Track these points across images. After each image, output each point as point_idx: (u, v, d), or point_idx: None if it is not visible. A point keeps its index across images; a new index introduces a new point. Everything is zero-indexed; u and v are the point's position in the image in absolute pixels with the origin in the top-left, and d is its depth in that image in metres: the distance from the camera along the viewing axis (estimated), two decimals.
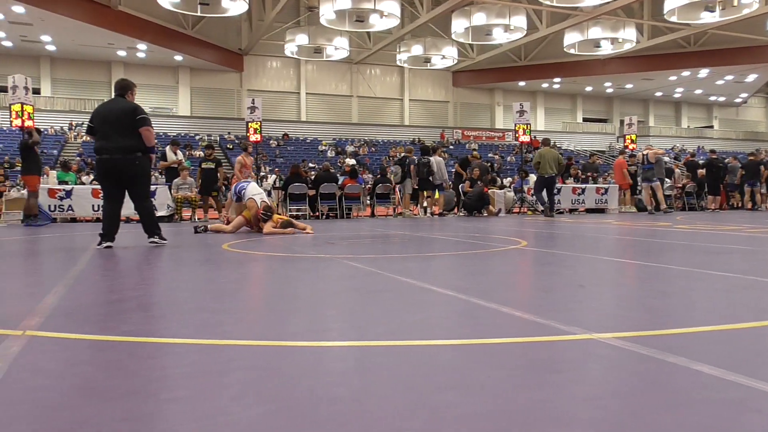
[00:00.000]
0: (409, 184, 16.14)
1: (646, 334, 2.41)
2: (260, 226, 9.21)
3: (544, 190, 15.07)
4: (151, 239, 7.17)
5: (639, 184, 19.17)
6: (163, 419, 1.56)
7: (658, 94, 51.87)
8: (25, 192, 13.74)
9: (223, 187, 16.62)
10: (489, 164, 19.93)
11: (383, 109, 46.57)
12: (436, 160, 16.00)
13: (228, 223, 9.96)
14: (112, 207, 7.10)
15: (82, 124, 37.66)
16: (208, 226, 9.52)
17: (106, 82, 39.87)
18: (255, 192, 9.66)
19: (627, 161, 19.37)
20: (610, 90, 50.37)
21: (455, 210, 16.87)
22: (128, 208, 14.01)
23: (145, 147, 6.91)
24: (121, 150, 6.77)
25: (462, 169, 17.51)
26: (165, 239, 7.21)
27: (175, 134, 35.67)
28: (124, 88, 7.08)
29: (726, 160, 20.78)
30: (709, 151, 21.74)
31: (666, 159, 21.07)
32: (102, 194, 7.53)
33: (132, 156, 6.82)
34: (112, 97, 7.19)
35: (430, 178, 15.89)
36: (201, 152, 16.02)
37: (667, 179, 20.74)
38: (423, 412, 1.55)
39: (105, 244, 6.85)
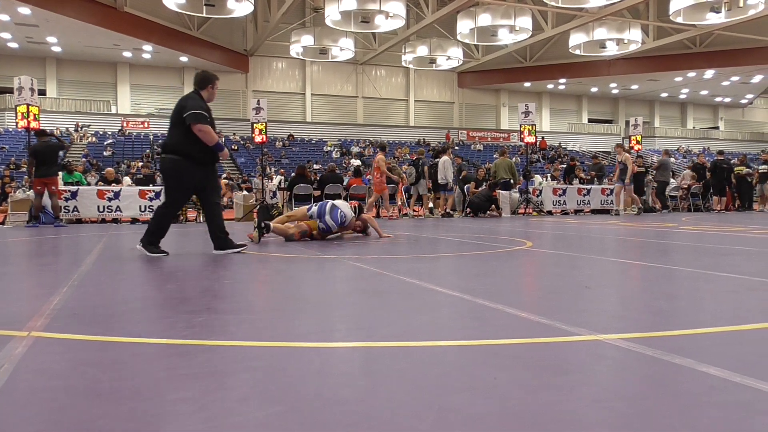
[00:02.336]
0: (423, 185, 16.26)
1: (652, 336, 2.40)
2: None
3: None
4: (139, 246, 6.20)
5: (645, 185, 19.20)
6: (169, 420, 1.56)
7: (664, 95, 51.75)
8: (31, 193, 13.79)
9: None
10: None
11: (388, 110, 46.58)
12: (442, 161, 15.99)
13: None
14: (204, 210, 6.46)
15: (89, 125, 37.80)
16: (270, 224, 8.30)
17: (111, 83, 40.01)
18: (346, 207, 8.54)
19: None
20: (615, 91, 50.28)
21: (459, 211, 16.87)
22: (132, 209, 14.14)
23: (185, 148, 6.07)
24: (162, 149, 6.29)
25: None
26: (164, 252, 6.13)
27: None
28: (200, 82, 6.44)
29: (732, 162, 20.71)
30: (716, 153, 21.67)
31: (672, 160, 21.06)
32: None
33: (168, 158, 6.14)
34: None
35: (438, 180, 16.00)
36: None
37: (672, 180, 20.72)
38: (430, 414, 1.55)
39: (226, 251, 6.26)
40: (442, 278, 4.36)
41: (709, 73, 42.97)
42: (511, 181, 17.28)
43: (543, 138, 43.13)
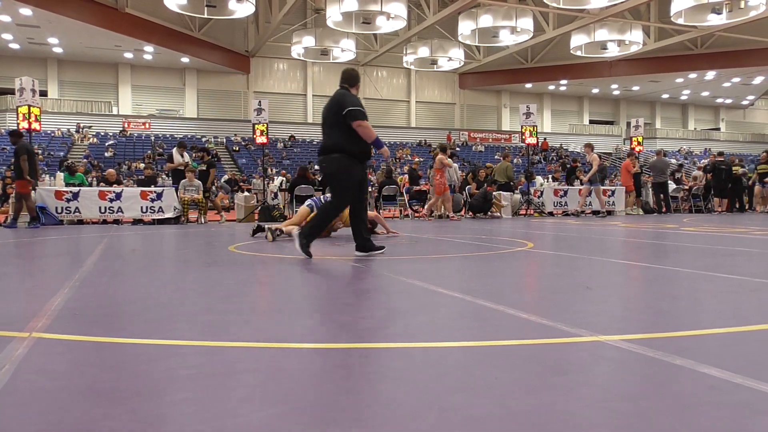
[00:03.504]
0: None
1: (653, 337, 2.40)
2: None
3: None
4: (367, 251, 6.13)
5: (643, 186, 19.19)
6: (170, 421, 1.56)
7: (665, 96, 51.76)
8: (32, 194, 13.79)
9: (213, 188, 16.71)
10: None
11: (390, 111, 46.60)
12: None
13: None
14: (353, 207, 6.21)
15: (90, 126, 37.82)
16: (283, 228, 8.56)
17: (112, 84, 40.05)
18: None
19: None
20: (616, 92, 50.31)
21: (462, 212, 16.88)
22: (134, 210, 14.14)
23: (348, 146, 5.91)
24: (321, 151, 6.12)
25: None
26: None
27: (181, 136, 35.77)
28: (351, 79, 6.20)
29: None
30: (716, 153, 21.65)
31: (673, 160, 21.05)
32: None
33: (329, 157, 5.97)
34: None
35: None
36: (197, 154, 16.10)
37: (671, 182, 20.71)
38: (431, 414, 1.55)
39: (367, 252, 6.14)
40: (443, 279, 4.36)
41: (710, 75, 42.98)
42: (511, 183, 17.34)
43: (545, 139, 43.12)
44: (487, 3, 29.24)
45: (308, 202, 9.26)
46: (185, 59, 38.03)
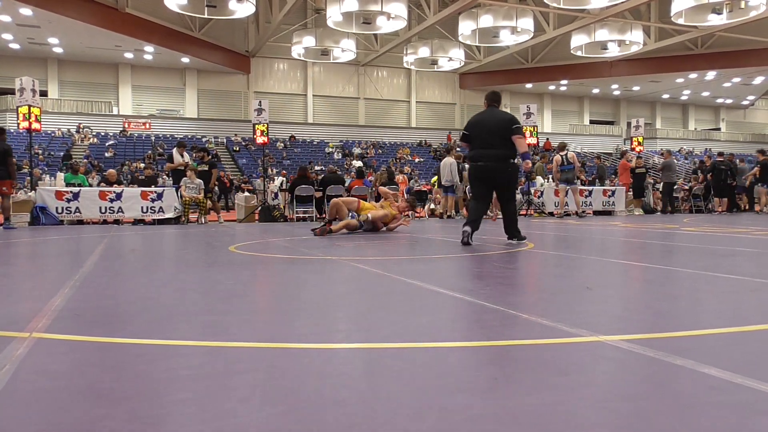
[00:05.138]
0: (460, 188, 16.29)
1: (653, 337, 2.40)
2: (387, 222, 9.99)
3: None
4: (510, 239, 7.42)
5: (645, 186, 19.17)
6: (170, 421, 1.56)
7: (665, 96, 51.73)
8: (32, 194, 13.81)
9: (216, 188, 16.69)
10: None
11: (390, 111, 46.58)
12: (448, 162, 15.98)
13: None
14: (480, 206, 7.51)
15: (90, 126, 37.80)
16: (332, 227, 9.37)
17: (113, 84, 40.02)
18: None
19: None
20: (617, 92, 50.28)
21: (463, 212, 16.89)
22: (134, 210, 14.15)
23: (515, 153, 7.29)
24: (496, 158, 7.20)
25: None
26: (524, 237, 7.39)
27: (182, 136, 35.77)
28: (497, 100, 7.59)
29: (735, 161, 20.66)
30: (717, 154, 21.66)
31: (674, 160, 21.05)
32: (472, 193, 7.97)
33: (505, 164, 7.23)
34: (485, 108, 7.58)
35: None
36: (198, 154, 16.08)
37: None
38: (431, 415, 1.55)
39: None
40: (443, 279, 4.36)
41: (710, 75, 42.95)
42: None
43: (547, 139, 43.10)
44: (487, 3, 29.23)
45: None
46: (185, 59, 38.01)
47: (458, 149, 18.16)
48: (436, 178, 20.79)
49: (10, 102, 34.01)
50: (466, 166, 16.57)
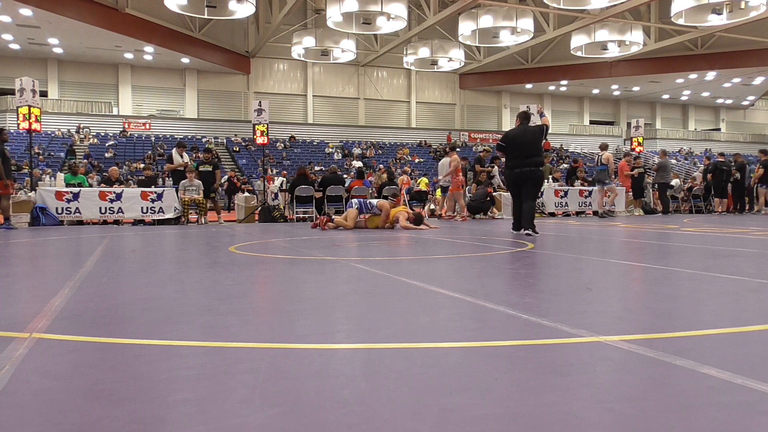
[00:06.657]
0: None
1: (653, 337, 2.40)
2: (392, 222, 10.94)
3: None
4: (526, 231, 8.68)
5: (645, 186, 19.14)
6: (170, 422, 1.56)
7: (665, 96, 51.76)
8: (32, 195, 13.81)
9: (220, 189, 16.68)
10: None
11: (390, 112, 46.61)
12: (444, 162, 15.96)
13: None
14: (518, 204, 9.09)
15: (89, 126, 37.80)
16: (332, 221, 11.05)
17: (113, 84, 40.04)
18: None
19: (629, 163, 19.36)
20: (617, 92, 50.31)
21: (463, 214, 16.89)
22: (134, 210, 14.15)
23: (544, 161, 9.17)
24: (532, 164, 8.90)
25: (481, 167, 17.56)
26: (537, 232, 8.68)
27: (181, 136, 35.80)
28: (528, 118, 9.33)
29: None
30: (717, 154, 21.66)
31: (673, 161, 21.05)
32: (512, 195, 9.46)
33: (537, 169, 8.97)
34: (517, 125, 9.31)
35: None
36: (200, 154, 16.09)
37: (676, 181, 20.70)
38: (431, 415, 1.55)
39: (525, 231, 8.73)
40: (443, 280, 4.35)
41: (710, 75, 42.99)
42: None
43: (546, 139, 43.16)
44: (487, 3, 29.24)
45: (355, 203, 11.29)
46: (185, 60, 38.04)
47: (490, 155, 18.56)
48: (423, 179, 20.90)
49: (10, 102, 34.02)
50: (477, 167, 16.68)
